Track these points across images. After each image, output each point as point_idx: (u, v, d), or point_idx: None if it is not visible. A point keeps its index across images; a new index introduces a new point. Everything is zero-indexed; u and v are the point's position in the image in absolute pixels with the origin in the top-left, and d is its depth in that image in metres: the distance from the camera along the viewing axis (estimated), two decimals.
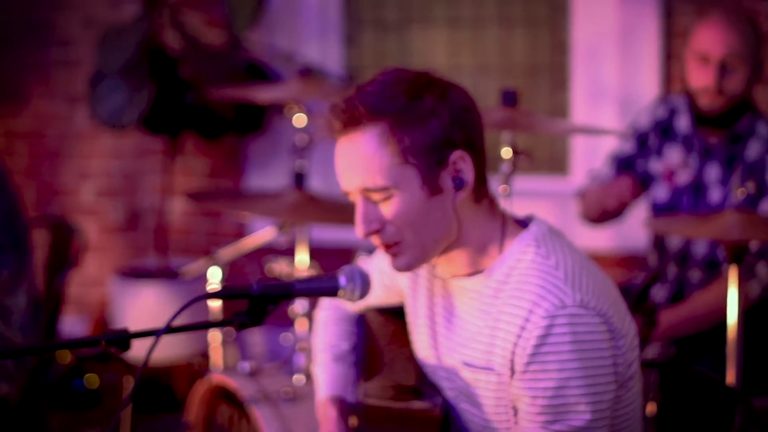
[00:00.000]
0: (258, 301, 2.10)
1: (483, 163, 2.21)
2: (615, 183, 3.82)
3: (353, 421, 2.46)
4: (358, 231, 2.19)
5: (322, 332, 2.64)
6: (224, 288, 2.15)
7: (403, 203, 2.15)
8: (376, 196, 2.17)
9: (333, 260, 3.71)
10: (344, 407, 2.48)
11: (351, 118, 2.15)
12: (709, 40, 3.59)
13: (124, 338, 2.02)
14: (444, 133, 2.15)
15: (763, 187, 3.58)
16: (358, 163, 2.15)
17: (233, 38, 5.37)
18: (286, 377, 3.48)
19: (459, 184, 2.18)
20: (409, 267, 2.24)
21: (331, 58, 5.48)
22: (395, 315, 2.53)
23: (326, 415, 2.47)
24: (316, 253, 3.78)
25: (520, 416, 2.15)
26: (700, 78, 3.61)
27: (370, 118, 2.13)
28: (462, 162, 2.17)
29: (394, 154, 2.13)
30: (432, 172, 2.15)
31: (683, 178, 3.75)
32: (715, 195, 3.69)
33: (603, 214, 3.85)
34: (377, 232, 2.19)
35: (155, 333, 2.02)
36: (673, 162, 3.76)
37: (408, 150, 2.13)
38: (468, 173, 2.18)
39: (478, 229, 2.23)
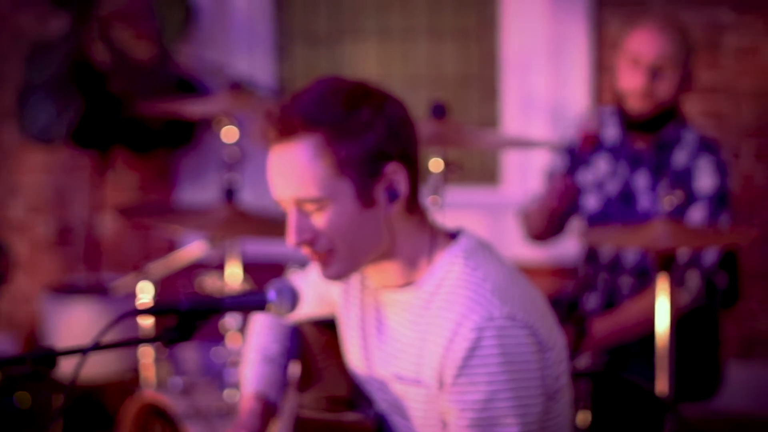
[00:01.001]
0: (187, 317, 2.09)
1: (416, 175, 2.20)
2: (550, 186, 3.85)
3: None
4: (289, 240, 2.18)
5: (255, 335, 2.61)
6: (152, 304, 2.13)
7: (336, 215, 2.14)
8: (308, 207, 2.15)
9: (265, 274, 3.69)
10: (267, 405, 2.44)
11: (286, 127, 2.12)
12: (642, 44, 3.65)
13: (51, 356, 2.00)
14: (380, 146, 2.13)
15: (691, 195, 3.62)
16: (292, 173, 2.13)
17: (163, 52, 5.33)
18: (218, 392, 3.46)
19: (392, 195, 2.16)
20: (338, 276, 2.23)
21: (262, 70, 5.46)
22: (328, 326, 2.52)
23: (247, 408, 2.42)
24: (248, 267, 3.77)
25: (449, 429, 2.15)
26: (630, 80, 3.66)
27: (306, 129, 2.11)
28: (396, 174, 2.16)
29: (329, 166, 2.11)
30: (366, 184, 2.14)
31: (611, 187, 3.78)
32: (644, 202, 3.73)
33: (549, 223, 3.88)
34: (309, 242, 2.18)
35: (82, 350, 2.00)
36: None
37: (343, 162, 2.11)
38: (402, 185, 2.17)
39: (410, 241, 2.22)
